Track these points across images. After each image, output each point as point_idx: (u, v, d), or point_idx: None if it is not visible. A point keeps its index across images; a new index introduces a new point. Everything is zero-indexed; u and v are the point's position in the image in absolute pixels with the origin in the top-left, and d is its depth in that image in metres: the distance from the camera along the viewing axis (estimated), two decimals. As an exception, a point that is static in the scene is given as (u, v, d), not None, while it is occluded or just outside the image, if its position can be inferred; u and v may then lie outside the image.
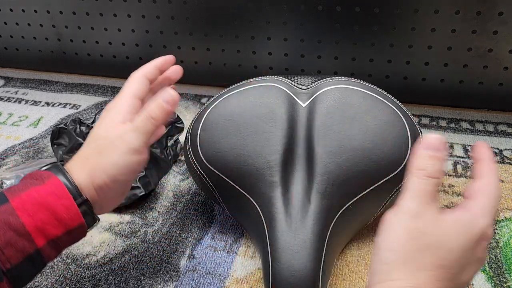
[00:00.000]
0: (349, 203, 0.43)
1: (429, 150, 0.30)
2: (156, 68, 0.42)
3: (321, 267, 0.39)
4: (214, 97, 0.50)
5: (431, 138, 0.31)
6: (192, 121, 0.50)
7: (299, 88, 0.48)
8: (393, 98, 0.48)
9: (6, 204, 0.33)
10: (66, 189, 0.34)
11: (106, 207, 0.38)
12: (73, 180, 0.35)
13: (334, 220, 0.42)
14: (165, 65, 0.43)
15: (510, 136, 0.67)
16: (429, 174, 0.30)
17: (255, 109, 0.46)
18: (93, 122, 0.64)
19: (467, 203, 0.30)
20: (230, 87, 0.50)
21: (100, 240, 0.53)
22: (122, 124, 0.37)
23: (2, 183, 0.62)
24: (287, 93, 0.47)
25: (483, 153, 0.32)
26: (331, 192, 0.42)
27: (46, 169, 0.36)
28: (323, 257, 0.39)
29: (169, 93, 0.37)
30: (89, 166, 0.36)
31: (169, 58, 0.43)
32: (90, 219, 0.36)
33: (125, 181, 0.37)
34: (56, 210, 0.33)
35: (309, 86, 0.48)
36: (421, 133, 0.47)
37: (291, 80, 0.49)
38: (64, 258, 0.50)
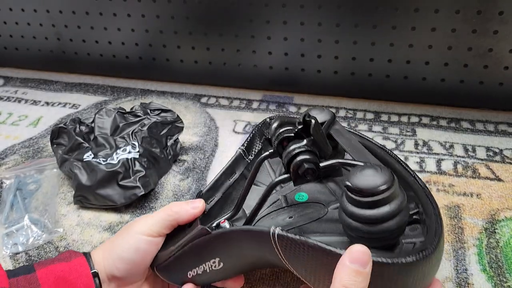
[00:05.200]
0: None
1: (356, 265, 0.27)
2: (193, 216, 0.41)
3: None
4: None
5: (359, 252, 0.28)
6: None
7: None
8: None
9: (32, 273, 0.37)
10: (89, 269, 0.39)
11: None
12: (93, 264, 0.40)
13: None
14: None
15: (510, 135, 0.67)
16: None
17: None
18: (93, 121, 0.64)
19: None
20: None
21: (100, 240, 0.52)
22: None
23: (1, 183, 0.62)
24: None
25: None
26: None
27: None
28: None
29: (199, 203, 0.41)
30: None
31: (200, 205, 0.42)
32: None
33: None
34: (76, 285, 0.38)
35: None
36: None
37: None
38: (64, 258, 0.50)
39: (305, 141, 0.37)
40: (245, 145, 0.47)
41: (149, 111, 0.66)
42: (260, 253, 0.35)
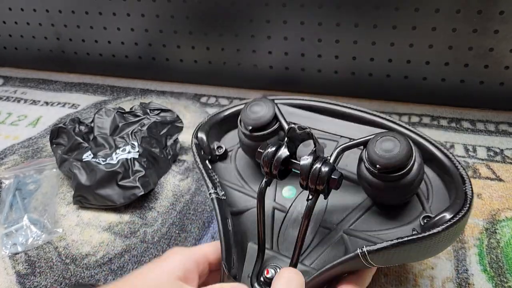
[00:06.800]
0: None
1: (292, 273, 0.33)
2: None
3: None
4: None
5: (290, 271, 0.33)
6: None
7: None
8: None
9: None
10: None
11: None
12: None
13: None
14: None
15: (511, 135, 0.66)
16: None
17: None
18: (92, 121, 0.64)
19: None
20: None
21: (99, 240, 0.52)
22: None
23: (1, 183, 0.61)
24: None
25: None
26: None
27: None
28: None
29: None
30: None
31: None
32: None
33: None
34: None
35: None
36: None
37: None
38: (63, 258, 0.50)
39: (311, 155, 0.34)
40: (210, 185, 0.41)
41: (148, 111, 0.66)
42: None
